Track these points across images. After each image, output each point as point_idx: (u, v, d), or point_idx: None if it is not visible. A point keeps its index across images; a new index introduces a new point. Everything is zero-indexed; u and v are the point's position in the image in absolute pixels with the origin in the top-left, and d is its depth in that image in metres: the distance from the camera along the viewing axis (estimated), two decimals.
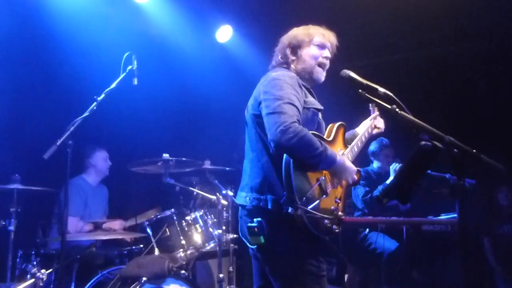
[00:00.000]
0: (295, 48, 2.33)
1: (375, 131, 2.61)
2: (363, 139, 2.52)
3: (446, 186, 3.38)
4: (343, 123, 2.40)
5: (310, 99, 2.25)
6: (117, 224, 3.95)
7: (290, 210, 1.98)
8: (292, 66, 2.34)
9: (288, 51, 2.33)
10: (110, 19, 4.41)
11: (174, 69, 4.98)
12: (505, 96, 4.78)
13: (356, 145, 2.43)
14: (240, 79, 5.03)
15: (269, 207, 2.07)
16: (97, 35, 4.21)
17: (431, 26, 4.70)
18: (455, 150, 1.96)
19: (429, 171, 3.63)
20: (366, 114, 2.74)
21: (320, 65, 2.34)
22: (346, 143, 2.41)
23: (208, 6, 4.75)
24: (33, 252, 3.22)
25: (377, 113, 2.63)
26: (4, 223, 3.09)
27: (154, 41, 4.82)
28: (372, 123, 2.60)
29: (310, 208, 2.02)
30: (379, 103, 2.38)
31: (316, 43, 2.34)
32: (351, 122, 2.68)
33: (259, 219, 2.07)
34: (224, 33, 5.25)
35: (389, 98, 2.33)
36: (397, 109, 2.19)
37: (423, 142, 1.94)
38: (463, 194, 1.95)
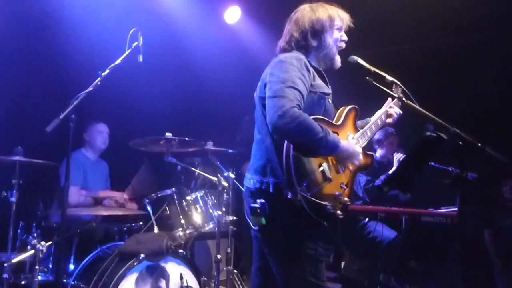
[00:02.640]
0: (318, 33, 2.23)
1: (388, 120, 2.55)
2: (378, 123, 2.47)
3: (448, 178, 3.36)
4: (355, 106, 2.34)
5: (318, 82, 2.20)
6: (117, 196, 3.96)
7: (289, 195, 1.98)
8: (313, 51, 2.26)
9: (309, 36, 2.22)
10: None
11: (181, 48, 4.93)
12: None
13: (369, 129, 2.39)
14: (247, 61, 4.99)
15: (271, 190, 2.07)
16: (104, 10, 4.15)
17: (442, 17, 4.61)
18: (459, 142, 1.94)
19: (432, 163, 3.61)
20: (381, 102, 2.69)
21: (339, 48, 2.30)
22: (358, 128, 2.37)
23: None
24: (34, 224, 3.23)
25: (391, 100, 2.55)
26: (6, 194, 3.09)
27: (161, 19, 4.75)
28: (386, 111, 2.54)
29: (312, 194, 2.01)
30: (386, 90, 2.36)
31: (337, 26, 2.27)
32: (367, 110, 2.63)
33: (262, 200, 2.07)
34: (233, 14, 5.19)
35: (396, 85, 2.30)
36: (403, 98, 2.17)
37: (427, 133, 1.92)
38: (464, 186, 1.94)
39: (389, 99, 2.55)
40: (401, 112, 2.54)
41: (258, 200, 2.07)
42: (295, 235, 2.08)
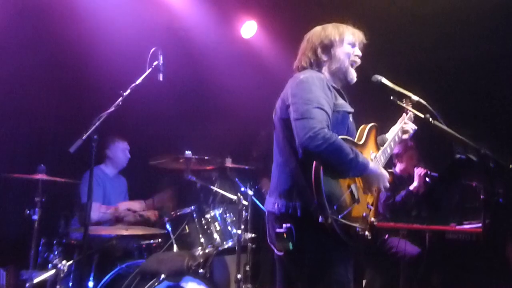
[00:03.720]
0: (328, 47, 2.25)
1: (404, 136, 2.52)
2: (396, 139, 2.44)
3: (474, 197, 3.28)
4: (375, 124, 2.32)
5: (340, 101, 2.18)
6: (136, 204, 3.96)
7: (320, 219, 1.94)
8: (325, 66, 2.26)
9: (319, 51, 2.25)
10: (136, 12, 4.41)
11: (198, 64, 4.96)
12: None
13: (389, 146, 2.36)
14: (263, 75, 4.99)
15: (299, 214, 2.02)
16: (123, 29, 4.21)
17: (463, 27, 4.56)
18: (490, 164, 1.89)
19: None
20: (396, 116, 2.66)
21: (352, 64, 2.28)
22: (379, 146, 2.34)
23: (233, 1, 4.71)
24: (55, 242, 3.26)
25: (405, 116, 2.53)
26: (28, 212, 3.14)
27: (179, 35, 4.80)
28: (402, 127, 2.51)
29: (342, 216, 1.97)
30: (412, 111, 2.33)
31: (348, 41, 2.27)
32: (381, 124, 2.61)
33: (288, 225, 2.03)
34: (249, 29, 5.21)
35: (422, 106, 2.27)
36: (430, 119, 2.14)
37: (457, 155, 1.88)
38: (494, 211, 1.89)
39: (404, 114, 2.52)
40: (416, 127, 2.51)
41: (284, 225, 2.03)
42: (324, 260, 2.04)
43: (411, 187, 4.25)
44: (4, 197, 3.64)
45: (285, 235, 2.01)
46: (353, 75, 2.28)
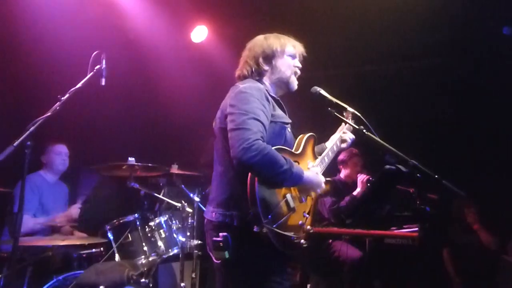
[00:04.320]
0: (269, 58, 2.29)
1: (343, 145, 2.60)
2: (334, 149, 2.51)
3: (411, 203, 3.43)
4: (312, 134, 2.38)
5: (278, 112, 2.22)
6: (73, 210, 3.80)
7: (255, 228, 1.96)
8: (266, 76, 2.30)
9: (261, 61, 2.29)
10: (82, 13, 4.26)
11: (146, 68, 4.88)
12: (471, 112, 4.91)
13: (326, 155, 2.42)
14: (213, 81, 4.97)
15: (235, 223, 2.04)
16: (68, 30, 4.05)
17: (402, 40, 4.77)
18: (418, 174, 1.99)
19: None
20: (334, 126, 2.74)
21: (294, 74, 2.34)
22: (316, 155, 2.39)
23: (185, 5, 4.66)
24: None
25: (344, 126, 2.61)
26: None
27: (127, 38, 4.69)
28: (340, 136, 2.59)
29: (277, 225, 2.00)
30: (347, 122, 2.41)
31: (288, 53, 2.33)
32: (322, 135, 2.68)
33: (225, 234, 2.04)
34: (199, 33, 5.18)
35: (357, 118, 2.36)
36: (364, 130, 2.22)
37: (387, 166, 1.96)
38: (424, 218, 1.98)
39: (343, 124, 2.60)
40: (353, 137, 2.59)
41: (220, 234, 2.03)
42: (261, 269, 2.06)
43: (355, 193, 4.39)
44: None
45: (221, 244, 2.02)
46: (294, 83, 2.34)
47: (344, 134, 2.58)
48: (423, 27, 4.52)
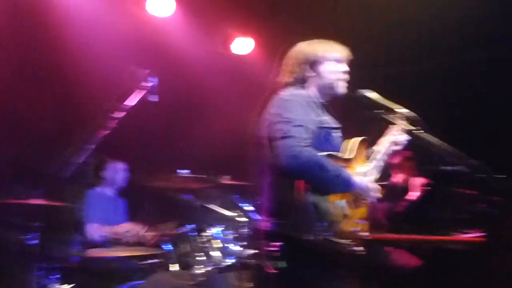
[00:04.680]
0: (314, 64, 2.28)
1: (396, 147, 2.48)
2: (386, 152, 2.41)
3: (468, 205, 3.24)
4: (364, 137, 2.33)
5: (325, 117, 2.20)
6: (137, 227, 3.95)
7: (310, 236, 1.93)
8: (312, 82, 2.29)
9: (305, 67, 2.28)
10: (128, 32, 4.46)
11: (192, 82, 5.00)
12: None
13: (378, 159, 2.35)
14: (260, 91, 5.01)
15: (288, 233, 2.03)
16: (114, 50, 4.26)
17: (446, 36, 4.60)
18: (479, 174, 1.89)
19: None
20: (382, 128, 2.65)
21: (340, 79, 2.31)
22: (368, 159, 2.33)
23: (224, 18, 4.76)
24: (54, 266, 3.26)
25: (394, 127, 2.49)
26: (27, 237, 3.14)
27: (171, 54, 4.85)
28: (392, 139, 2.46)
29: (331, 233, 1.97)
30: (400, 123, 2.33)
31: (333, 58, 2.30)
32: (373, 138, 2.60)
33: (279, 243, 2.03)
34: (240, 45, 5.27)
35: (409, 118, 2.28)
36: (417, 130, 2.14)
37: (446, 167, 1.88)
38: (490, 223, 1.88)
39: (392, 126, 2.49)
40: (408, 138, 2.45)
41: (275, 243, 2.03)
42: (316, 278, 2.04)
43: (411, 197, 4.23)
44: (2, 223, 3.65)
45: (276, 254, 2.01)
46: (340, 87, 2.30)
47: (396, 135, 2.49)
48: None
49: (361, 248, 2.08)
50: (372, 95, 2.30)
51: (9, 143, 3.86)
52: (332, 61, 2.29)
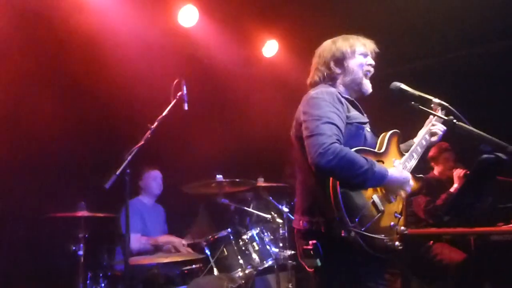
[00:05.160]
0: (340, 60, 2.27)
1: (433, 138, 2.44)
2: (423, 143, 2.38)
3: None
4: (396, 130, 2.29)
5: (353, 113, 2.18)
6: (176, 242, 4.03)
7: (343, 233, 1.93)
8: (339, 79, 2.28)
9: (332, 65, 2.27)
10: (159, 44, 4.57)
11: (222, 87, 5.06)
12: None
13: (415, 151, 2.30)
14: (289, 93, 5.00)
15: (322, 230, 2.02)
16: (148, 62, 4.37)
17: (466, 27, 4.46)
18: None
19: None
20: (420, 122, 2.61)
21: (366, 74, 2.29)
22: (402, 152, 2.29)
23: (253, 22, 4.80)
24: (100, 275, 3.39)
25: (432, 118, 2.45)
26: (74, 248, 3.27)
27: (202, 62, 4.93)
28: (429, 129, 2.44)
29: (365, 228, 1.95)
30: (435, 114, 2.28)
31: (359, 52, 2.28)
32: (405, 131, 2.57)
33: (314, 241, 2.03)
34: (271, 48, 5.29)
35: (444, 108, 2.23)
36: (454, 120, 2.09)
37: (484, 155, 1.82)
38: None
39: (430, 117, 2.45)
40: (445, 128, 2.41)
41: (310, 242, 2.03)
42: (354, 274, 2.02)
43: (452, 189, 4.12)
44: (50, 236, 3.82)
45: (312, 252, 2.01)
46: (368, 86, 2.29)
47: (433, 126, 2.43)
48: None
49: (398, 243, 2.04)
50: (405, 86, 2.26)
51: (51, 158, 4.03)
52: (358, 55, 2.28)
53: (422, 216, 4.18)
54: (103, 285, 3.34)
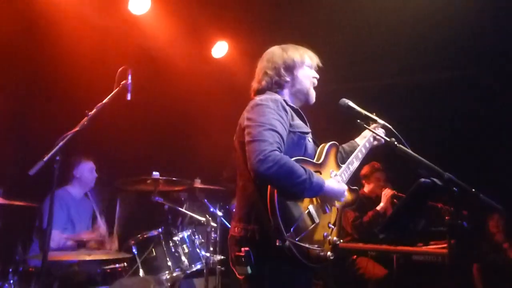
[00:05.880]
0: (291, 68, 2.28)
1: (375, 143, 2.52)
2: (360, 155, 2.43)
3: (439, 219, 3.34)
4: (334, 142, 2.33)
5: (297, 122, 2.20)
6: (99, 232, 3.80)
7: (278, 242, 1.92)
8: (287, 87, 2.29)
9: (282, 72, 2.27)
10: (106, 30, 4.34)
11: (168, 84, 4.91)
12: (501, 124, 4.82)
13: (351, 163, 2.36)
14: (234, 96, 4.98)
15: (256, 238, 2.00)
16: (93, 46, 4.13)
17: (425, 52, 4.74)
18: (454, 188, 1.93)
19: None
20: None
21: (312, 85, 2.33)
22: (339, 163, 2.33)
23: (205, 21, 4.72)
24: (10, 270, 3.08)
25: (375, 125, 2.46)
26: None
27: (150, 55, 4.76)
28: (371, 135, 2.50)
29: (300, 238, 1.96)
30: (378, 134, 2.36)
31: (307, 64, 2.32)
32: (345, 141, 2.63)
33: (247, 249, 2.00)
34: (220, 49, 5.23)
35: (387, 129, 2.31)
36: (395, 142, 2.17)
37: (422, 179, 1.91)
38: (460, 235, 1.92)
39: (372, 125, 2.46)
40: (383, 132, 2.47)
41: (242, 249, 2.00)
42: (284, 283, 2.02)
43: (378, 208, 4.32)
44: None
45: (243, 259, 1.99)
46: (313, 96, 2.34)
47: (376, 131, 2.42)
48: (444, 39, 4.50)
49: (330, 253, 2.07)
50: (352, 104, 2.32)
51: None
52: (307, 67, 2.32)
53: (349, 231, 4.34)
54: (11, 281, 3.04)
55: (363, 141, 2.49)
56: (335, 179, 2.19)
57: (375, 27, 4.51)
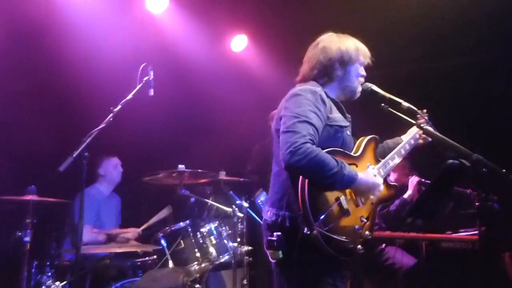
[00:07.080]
0: (345, 63, 2.22)
1: (421, 141, 2.43)
2: (403, 151, 2.36)
3: (468, 205, 3.26)
4: (374, 136, 2.30)
5: (336, 115, 2.17)
6: (129, 234, 3.91)
7: (306, 230, 1.94)
8: (337, 80, 2.23)
9: (337, 65, 2.21)
10: (125, 29, 4.42)
11: (189, 79, 4.96)
12: None
13: (391, 158, 2.30)
14: (255, 89, 5.00)
15: (287, 224, 2.03)
16: (113, 45, 4.20)
17: (448, 37, 4.63)
18: (483, 169, 1.89)
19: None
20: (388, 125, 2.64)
21: (360, 84, 2.30)
22: (380, 158, 2.30)
23: (223, 15, 4.74)
24: (47, 263, 3.21)
25: (422, 120, 2.38)
26: (20, 234, 3.07)
27: (169, 50, 4.81)
28: (417, 133, 2.41)
29: (328, 228, 1.96)
30: (403, 117, 2.33)
31: (360, 62, 2.27)
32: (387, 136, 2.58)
33: (279, 233, 2.03)
34: (239, 43, 5.24)
35: (413, 112, 2.28)
36: (422, 125, 2.14)
37: (450, 161, 1.88)
38: (490, 217, 1.88)
39: (420, 120, 2.38)
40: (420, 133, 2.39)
41: (274, 233, 2.03)
42: (313, 271, 2.03)
43: (405, 196, 4.25)
44: None
45: (275, 244, 2.01)
46: (358, 94, 2.30)
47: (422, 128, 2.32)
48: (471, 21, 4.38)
49: (360, 247, 2.07)
50: (376, 88, 2.29)
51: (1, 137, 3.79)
52: (359, 64, 2.26)
53: (376, 220, 4.29)
54: (49, 274, 3.16)
55: (408, 137, 2.43)
56: (371, 172, 2.16)
57: (401, 13, 4.43)
